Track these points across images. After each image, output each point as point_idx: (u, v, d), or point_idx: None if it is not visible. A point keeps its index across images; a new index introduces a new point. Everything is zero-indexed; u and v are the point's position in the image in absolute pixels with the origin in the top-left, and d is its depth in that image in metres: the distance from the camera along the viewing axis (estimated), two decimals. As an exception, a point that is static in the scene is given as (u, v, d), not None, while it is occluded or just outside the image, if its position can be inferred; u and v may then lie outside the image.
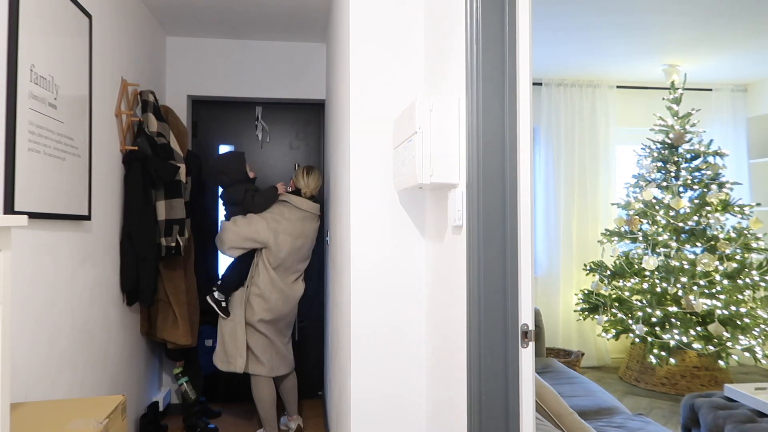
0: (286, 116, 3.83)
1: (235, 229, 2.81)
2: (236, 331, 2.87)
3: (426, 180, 1.49)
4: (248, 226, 2.81)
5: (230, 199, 2.94)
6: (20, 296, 1.65)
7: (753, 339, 3.76)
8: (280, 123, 3.82)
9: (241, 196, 2.88)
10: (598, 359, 4.84)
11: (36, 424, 1.34)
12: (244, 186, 2.93)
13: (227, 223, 2.84)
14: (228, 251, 2.83)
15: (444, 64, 1.67)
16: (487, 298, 1.35)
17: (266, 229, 2.81)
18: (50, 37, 1.83)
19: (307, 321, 3.74)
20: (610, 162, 4.90)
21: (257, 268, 2.88)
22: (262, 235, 2.81)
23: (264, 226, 2.81)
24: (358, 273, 1.87)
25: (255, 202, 2.87)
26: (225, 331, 2.90)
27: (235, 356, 2.87)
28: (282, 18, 3.24)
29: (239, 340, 2.86)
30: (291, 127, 3.83)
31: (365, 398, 1.86)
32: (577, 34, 3.74)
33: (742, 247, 3.96)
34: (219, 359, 2.92)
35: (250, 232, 2.80)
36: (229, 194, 2.94)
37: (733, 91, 5.04)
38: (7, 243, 1.11)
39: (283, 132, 3.82)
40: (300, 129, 3.83)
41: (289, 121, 3.83)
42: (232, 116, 3.78)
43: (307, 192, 2.97)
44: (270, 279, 2.85)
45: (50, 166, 1.83)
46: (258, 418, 3.34)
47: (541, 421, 1.66)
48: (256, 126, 3.76)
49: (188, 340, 2.93)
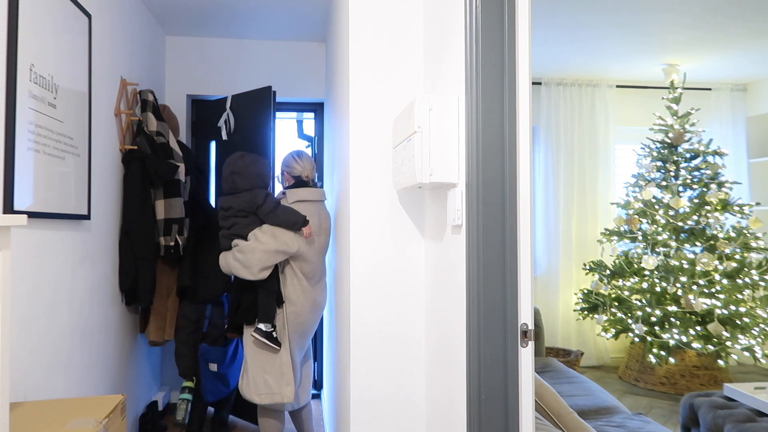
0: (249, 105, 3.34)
1: (262, 247, 2.35)
2: (281, 356, 2.47)
3: (425, 179, 1.49)
4: (275, 239, 2.36)
5: (240, 204, 2.43)
6: (20, 295, 1.65)
7: (752, 338, 3.76)
8: (245, 113, 3.37)
9: (261, 200, 2.42)
10: (597, 359, 4.84)
11: (35, 424, 1.34)
12: (263, 192, 2.48)
13: (248, 244, 2.37)
14: (259, 274, 2.37)
15: (443, 63, 1.67)
16: (487, 298, 1.35)
17: (293, 237, 2.41)
18: (50, 36, 1.83)
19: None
20: (609, 161, 4.90)
21: (287, 280, 2.48)
22: (291, 244, 2.39)
23: (291, 234, 2.41)
24: (357, 272, 1.87)
25: (277, 212, 2.40)
26: (262, 357, 2.48)
27: (281, 385, 2.46)
28: (282, 18, 3.24)
29: (285, 365, 2.47)
30: (250, 115, 3.34)
31: (365, 398, 1.86)
32: (576, 33, 3.74)
33: (741, 246, 3.96)
34: (255, 391, 2.47)
35: (279, 245, 2.36)
36: (240, 198, 2.43)
37: (732, 91, 5.04)
38: (6, 242, 1.11)
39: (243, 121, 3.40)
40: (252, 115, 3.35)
41: (248, 110, 3.34)
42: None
43: (310, 176, 2.61)
44: (302, 289, 2.49)
45: (50, 166, 1.83)
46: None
47: (541, 420, 1.66)
48: (224, 117, 3.41)
49: (157, 337, 2.85)
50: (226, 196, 2.47)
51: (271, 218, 2.40)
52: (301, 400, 2.64)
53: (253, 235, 2.40)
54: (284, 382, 2.46)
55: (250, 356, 2.49)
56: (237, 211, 2.43)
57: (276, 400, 2.45)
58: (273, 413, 2.58)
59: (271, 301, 2.47)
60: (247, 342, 2.51)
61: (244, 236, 2.43)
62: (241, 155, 2.51)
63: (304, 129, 4.09)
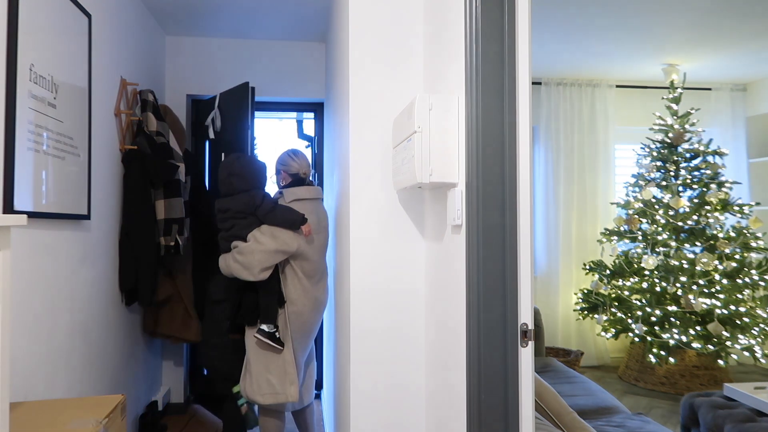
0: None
1: (261, 247, 2.34)
2: (285, 355, 2.48)
3: (425, 179, 1.49)
4: (274, 239, 2.36)
5: (238, 206, 2.42)
6: (19, 295, 1.65)
7: (752, 338, 3.76)
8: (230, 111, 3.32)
9: (259, 200, 2.41)
10: (597, 358, 4.84)
11: (35, 423, 1.34)
12: (261, 192, 2.49)
13: (248, 245, 2.37)
14: (260, 275, 2.36)
15: (443, 63, 1.67)
16: (487, 298, 1.35)
17: (293, 236, 2.40)
18: (50, 36, 1.83)
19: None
20: (609, 161, 4.90)
21: (287, 280, 2.48)
22: (291, 243, 2.39)
23: (290, 234, 2.41)
24: (357, 272, 1.87)
25: (276, 212, 2.40)
26: (265, 358, 2.48)
27: (285, 384, 2.46)
28: (282, 18, 3.24)
29: (289, 364, 2.47)
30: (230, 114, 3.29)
31: (365, 398, 1.86)
32: (576, 33, 3.74)
33: (741, 246, 3.96)
34: (258, 392, 2.46)
35: (279, 245, 2.36)
36: (238, 200, 2.42)
37: (732, 91, 5.04)
38: (6, 242, 1.11)
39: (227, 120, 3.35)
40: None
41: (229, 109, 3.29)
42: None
43: (307, 174, 2.60)
44: (303, 289, 2.49)
45: (49, 166, 1.83)
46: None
47: (541, 420, 1.66)
48: (211, 116, 3.35)
49: (198, 337, 3.01)
50: (222, 198, 2.46)
51: (270, 218, 2.39)
52: (305, 400, 2.63)
53: (252, 236, 2.39)
54: (288, 382, 2.45)
55: (253, 357, 2.49)
56: (235, 212, 2.43)
57: (280, 399, 2.45)
58: (274, 413, 2.57)
59: (273, 301, 2.46)
60: (249, 343, 2.50)
61: (243, 237, 2.42)
62: (237, 157, 2.50)
63: (304, 129, 4.09)
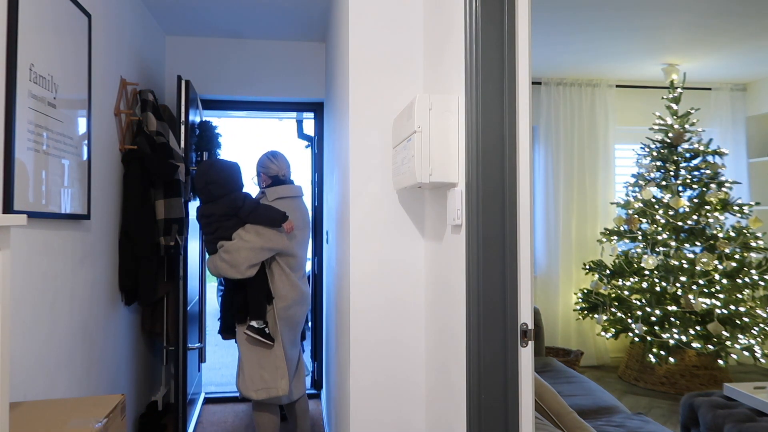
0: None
1: (247, 245, 2.41)
2: (275, 350, 2.54)
3: (425, 179, 1.49)
4: (259, 237, 2.43)
5: (221, 210, 2.49)
6: (19, 295, 1.65)
7: (752, 338, 3.76)
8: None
9: (240, 202, 2.49)
10: (597, 358, 4.84)
11: (35, 423, 1.34)
12: (241, 194, 2.56)
13: (233, 243, 2.43)
14: (246, 272, 2.42)
15: (443, 63, 1.67)
16: (487, 297, 1.35)
17: (276, 234, 2.48)
18: (49, 36, 1.83)
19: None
20: (609, 161, 4.90)
21: (274, 276, 2.55)
22: (276, 241, 2.47)
23: (273, 231, 2.48)
24: (357, 272, 1.87)
25: (258, 211, 2.47)
26: (257, 354, 2.54)
27: (276, 378, 2.52)
28: (282, 18, 3.24)
29: (279, 358, 2.53)
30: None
31: (365, 398, 1.86)
32: (576, 33, 3.74)
33: (741, 246, 3.96)
34: (252, 387, 2.52)
35: (263, 242, 2.43)
36: (220, 204, 2.49)
37: (732, 90, 5.04)
38: (6, 242, 1.11)
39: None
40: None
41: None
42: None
43: (287, 175, 2.69)
44: (291, 283, 2.56)
45: (49, 166, 1.83)
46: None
47: (541, 420, 1.66)
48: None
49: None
50: (205, 204, 2.54)
51: (253, 217, 2.47)
52: (295, 393, 2.68)
53: (237, 235, 2.46)
54: (279, 376, 2.53)
55: (245, 354, 2.56)
56: (219, 216, 2.51)
57: (272, 394, 2.51)
58: (268, 407, 2.63)
59: (261, 298, 2.53)
60: (240, 340, 2.57)
61: (228, 238, 2.50)
62: (210, 164, 2.59)
63: (303, 129, 4.09)
